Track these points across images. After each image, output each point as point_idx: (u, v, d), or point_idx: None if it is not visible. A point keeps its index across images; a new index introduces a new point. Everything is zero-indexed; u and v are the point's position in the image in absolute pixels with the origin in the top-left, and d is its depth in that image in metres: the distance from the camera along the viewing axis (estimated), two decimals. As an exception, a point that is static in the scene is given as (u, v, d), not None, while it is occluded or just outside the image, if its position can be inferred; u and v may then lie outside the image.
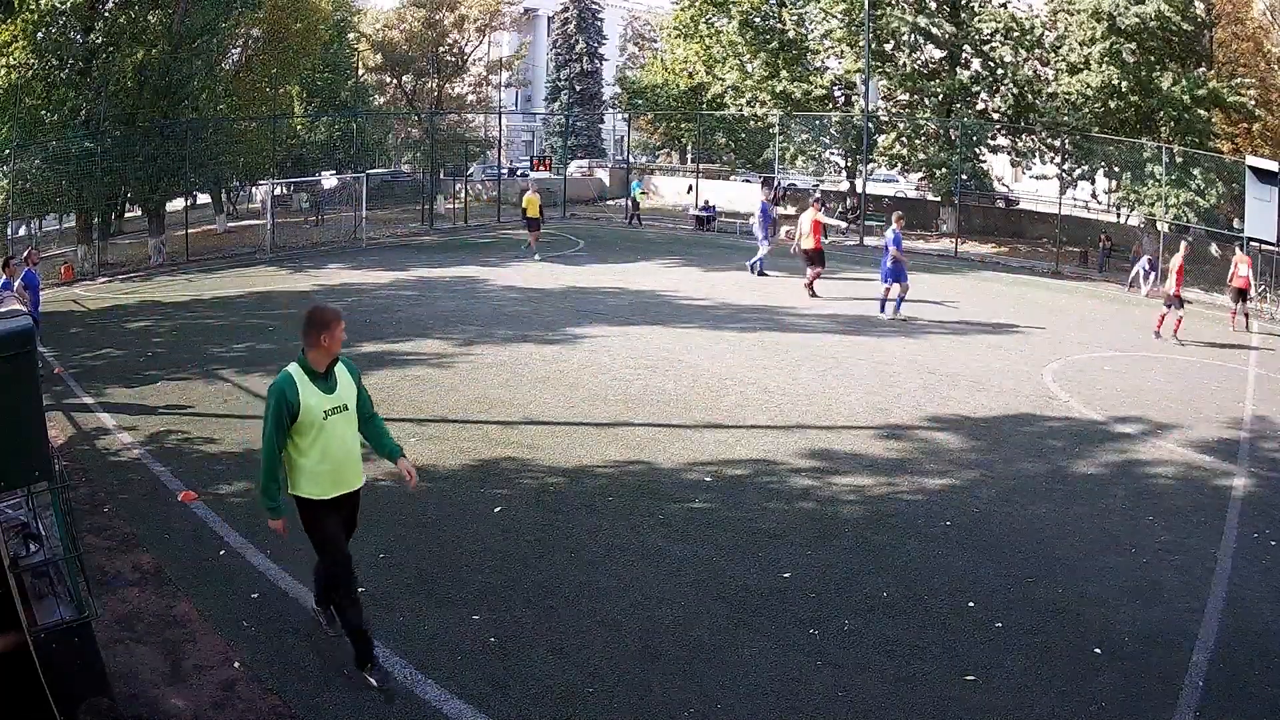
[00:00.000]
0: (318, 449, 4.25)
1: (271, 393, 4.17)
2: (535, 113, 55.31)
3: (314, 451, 4.25)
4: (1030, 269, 21.73)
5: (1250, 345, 14.14)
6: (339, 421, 4.32)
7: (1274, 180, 17.20)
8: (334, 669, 4.55)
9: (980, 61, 24.97)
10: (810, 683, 4.50)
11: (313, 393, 4.23)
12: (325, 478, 4.30)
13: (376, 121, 32.88)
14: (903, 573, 5.70)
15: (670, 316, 13.69)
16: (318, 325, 4.26)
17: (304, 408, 4.19)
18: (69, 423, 8.55)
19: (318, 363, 4.29)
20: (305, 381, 4.23)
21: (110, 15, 19.70)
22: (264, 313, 14.08)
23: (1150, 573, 5.80)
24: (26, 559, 3.84)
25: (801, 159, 27.30)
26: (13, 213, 19.64)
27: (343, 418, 4.34)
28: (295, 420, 4.18)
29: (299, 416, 4.18)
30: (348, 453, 4.39)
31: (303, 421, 4.20)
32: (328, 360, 4.32)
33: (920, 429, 8.61)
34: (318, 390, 4.26)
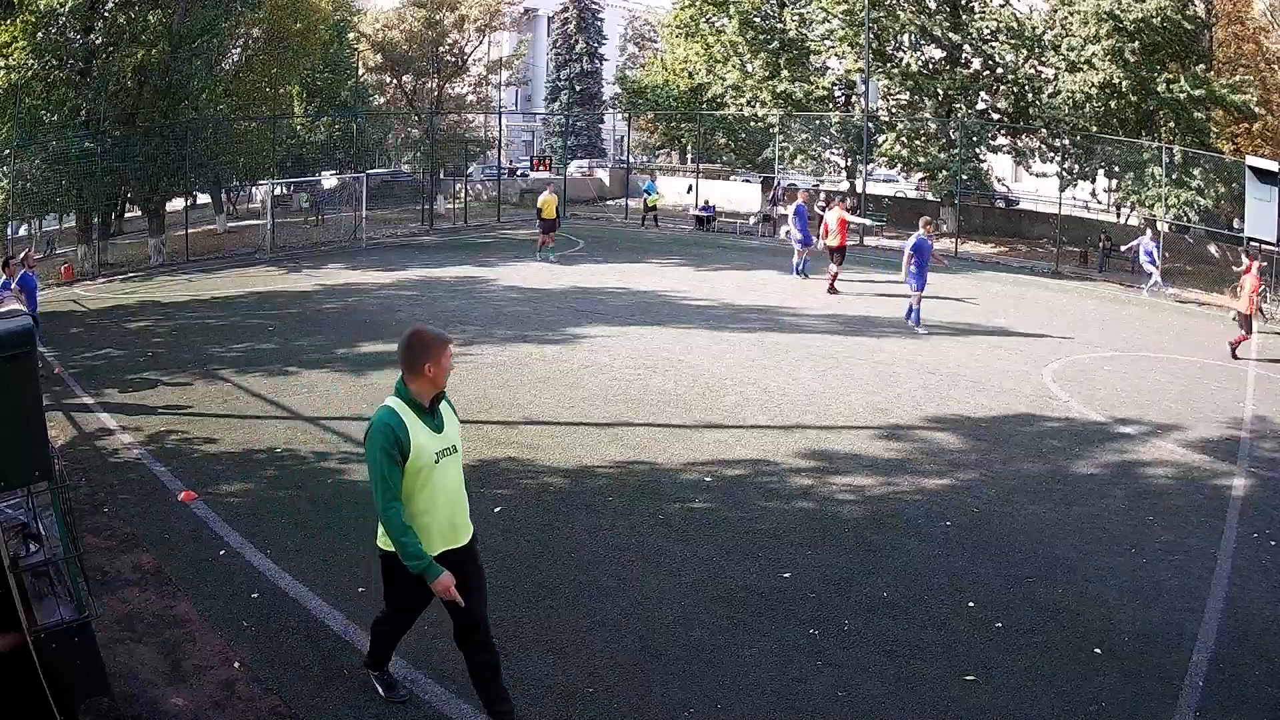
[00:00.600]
0: (425, 497, 3.67)
1: (376, 432, 3.58)
2: (535, 113, 55.31)
3: (421, 500, 3.67)
4: (1030, 269, 21.73)
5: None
6: (449, 465, 3.74)
7: (1274, 180, 17.21)
8: (334, 669, 4.55)
9: (980, 61, 24.97)
10: (810, 683, 4.50)
11: (421, 430, 3.64)
12: (429, 531, 3.70)
13: (376, 121, 32.86)
14: (903, 573, 5.70)
15: (670, 316, 13.69)
16: (422, 351, 3.64)
17: (415, 449, 3.59)
18: (69, 423, 8.55)
19: (422, 395, 3.68)
20: (412, 418, 3.64)
21: (110, 15, 19.70)
22: (264, 313, 14.08)
23: (1150, 573, 5.80)
24: (26, 559, 3.84)
25: (801, 158, 27.30)
26: (13, 213, 19.62)
27: (452, 460, 3.76)
28: (404, 463, 3.59)
29: (409, 459, 3.59)
30: (457, 501, 3.82)
31: (413, 465, 3.61)
32: (433, 393, 3.72)
33: (920, 429, 8.61)
34: (426, 428, 3.66)
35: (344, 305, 14.58)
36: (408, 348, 3.67)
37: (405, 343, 3.69)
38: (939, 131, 25.16)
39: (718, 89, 29.03)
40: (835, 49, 27.12)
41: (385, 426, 3.57)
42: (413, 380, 3.67)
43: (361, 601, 5.20)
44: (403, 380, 3.69)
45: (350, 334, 12.21)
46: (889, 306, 15.09)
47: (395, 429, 3.57)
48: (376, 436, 3.58)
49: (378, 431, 3.58)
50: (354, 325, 12.82)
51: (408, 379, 3.68)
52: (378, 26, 34.51)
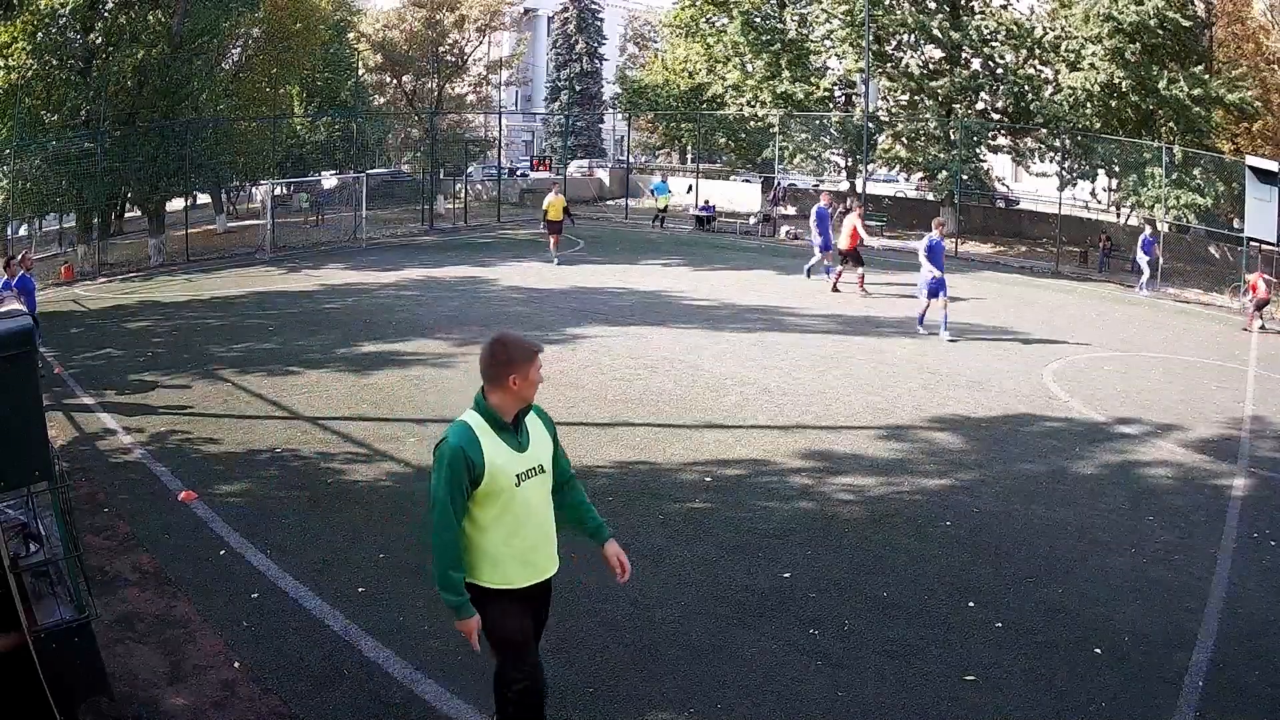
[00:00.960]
0: (505, 524, 3.28)
1: (444, 451, 3.19)
2: (535, 113, 55.33)
3: (500, 527, 3.28)
4: (1030, 269, 21.73)
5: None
6: (533, 488, 3.34)
7: (1274, 180, 17.21)
8: (334, 669, 4.55)
9: (980, 62, 24.97)
10: (810, 683, 4.50)
11: (500, 450, 3.25)
12: (513, 561, 3.32)
13: (376, 121, 32.86)
14: (903, 573, 5.70)
15: (670, 316, 13.69)
16: (507, 363, 3.26)
17: (490, 471, 3.21)
18: (69, 423, 8.55)
19: (504, 410, 3.29)
20: (489, 435, 3.25)
21: (110, 15, 19.71)
22: (264, 313, 14.08)
23: (1150, 573, 5.80)
24: (26, 559, 3.84)
25: (801, 158, 27.30)
26: (13, 213, 19.63)
27: (538, 482, 3.36)
28: (477, 486, 3.21)
29: (482, 481, 3.20)
30: (543, 528, 3.41)
31: (487, 489, 3.22)
32: (518, 408, 3.33)
33: (920, 429, 8.61)
34: (506, 447, 3.27)
35: (344, 305, 14.58)
36: (491, 358, 3.27)
37: (489, 352, 3.28)
38: (939, 131, 25.16)
39: (718, 89, 29.04)
40: (835, 49, 27.13)
41: (452, 447, 3.17)
42: (494, 393, 3.28)
43: (361, 601, 5.20)
44: (483, 392, 3.31)
45: (350, 334, 12.21)
46: (889, 306, 15.09)
47: (467, 450, 3.17)
48: (441, 458, 3.19)
49: (442, 453, 3.20)
50: (354, 325, 12.81)
51: (489, 391, 3.29)
52: (378, 26, 34.52)
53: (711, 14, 29.73)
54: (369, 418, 8.65)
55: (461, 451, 3.17)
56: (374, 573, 5.56)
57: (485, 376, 3.30)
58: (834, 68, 28.05)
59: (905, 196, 31.48)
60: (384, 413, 8.81)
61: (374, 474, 7.25)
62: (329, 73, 32.50)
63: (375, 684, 4.44)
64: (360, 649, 4.72)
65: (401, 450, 7.74)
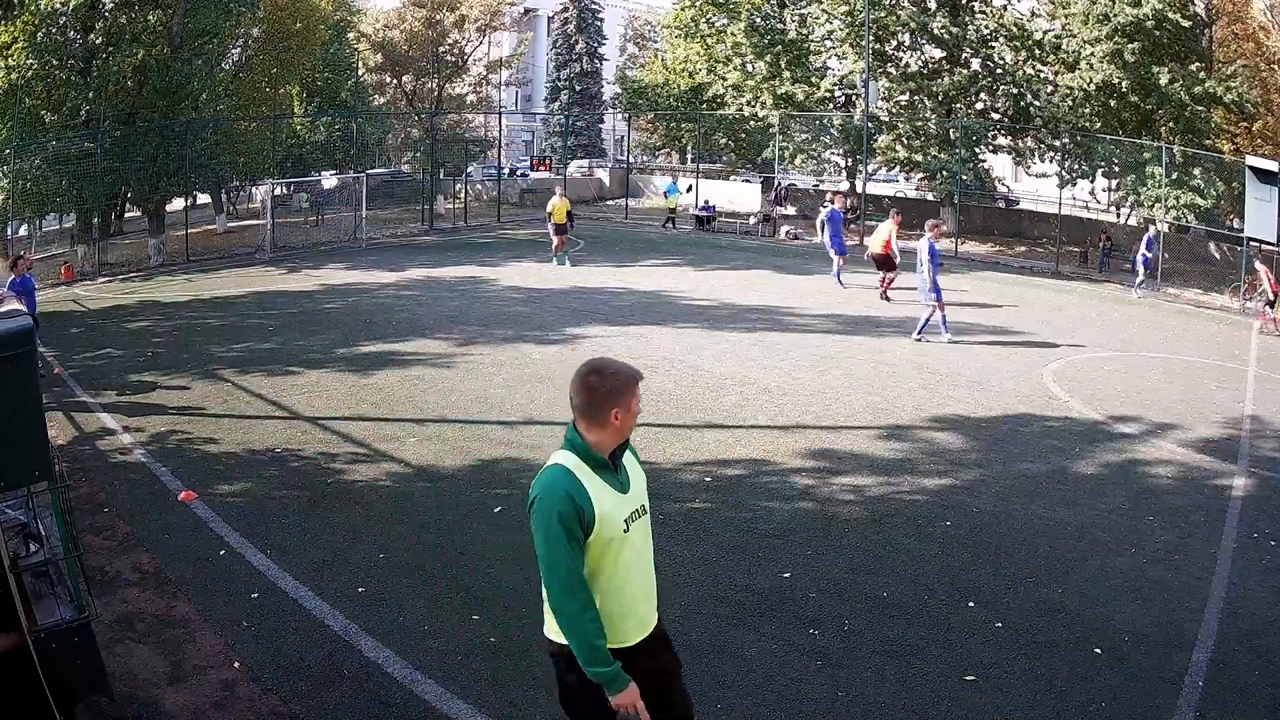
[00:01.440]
0: (613, 576, 2.84)
1: (549, 504, 2.71)
2: (535, 113, 55.33)
3: (609, 580, 2.83)
4: (1030, 269, 21.73)
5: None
6: (639, 531, 2.92)
7: (1274, 180, 17.21)
8: (334, 669, 4.55)
9: (980, 61, 24.97)
10: (810, 683, 4.50)
11: (605, 493, 2.81)
12: (623, 616, 2.88)
13: (376, 121, 32.86)
14: (903, 573, 5.70)
15: (670, 316, 13.69)
16: (609, 394, 2.83)
17: (599, 518, 2.76)
18: (69, 423, 8.56)
19: (603, 448, 2.86)
20: (591, 477, 2.80)
21: (110, 15, 19.71)
22: (264, 313, 14.08)
23: (1150, 573, 5.80)
24: (26, 559, 3.84)
25: (801, 158, 27.30)
26: (13, 213, 19.64)
27: (642, 525, 2.95)
28: (586, 538, 2.76)
29: (592, 531, 2.76)
30: (649, 575, 3.00)
31: (596, 539, 2.77)
32: (617, 444, 2.91)
33: (920, 429, 8.61)
34: (610, 489, 2.83)
35: (344, 305, 14.58)
36: (589, 390, 2.82)
37: (585, 385, 2.83)
38: (939, 131, 25.16)
39: (718, 89, 29.04)
40: (836, 50, 27.13)
41: (565, 496, 2.71)
42: (593, 429, 2.83)
43: (361, 601, 5.20)
44: (576, 428, 2.85)
45: (350, 334, 12.21)
46: (889, 306, 15.10)
47: (575, 497, 2.72)
48: (552, 508, 2.70)
49: (547, 505, 2.71)
50: (354, 325, 12.81)
51: (586, 428, 2.84)
52: (378, 26, 34.53)
53: (711, 14, 29.71)
54: (369, 418, 8.65)
55: (571, 500, 2.71)
56: (374, 573, 5.56)
57: (582, 411, 2.84)
58: (834, 68, 28.05)
59: (905, 196, 31.47)
60: (384, 413, 8.81)
61: (374, 474, 7.25)
62: (329, 73, 32.50)
63: (375, 684, 4.44)
64: (360, 649, 4.72)
65: (401, 450, 7.74)
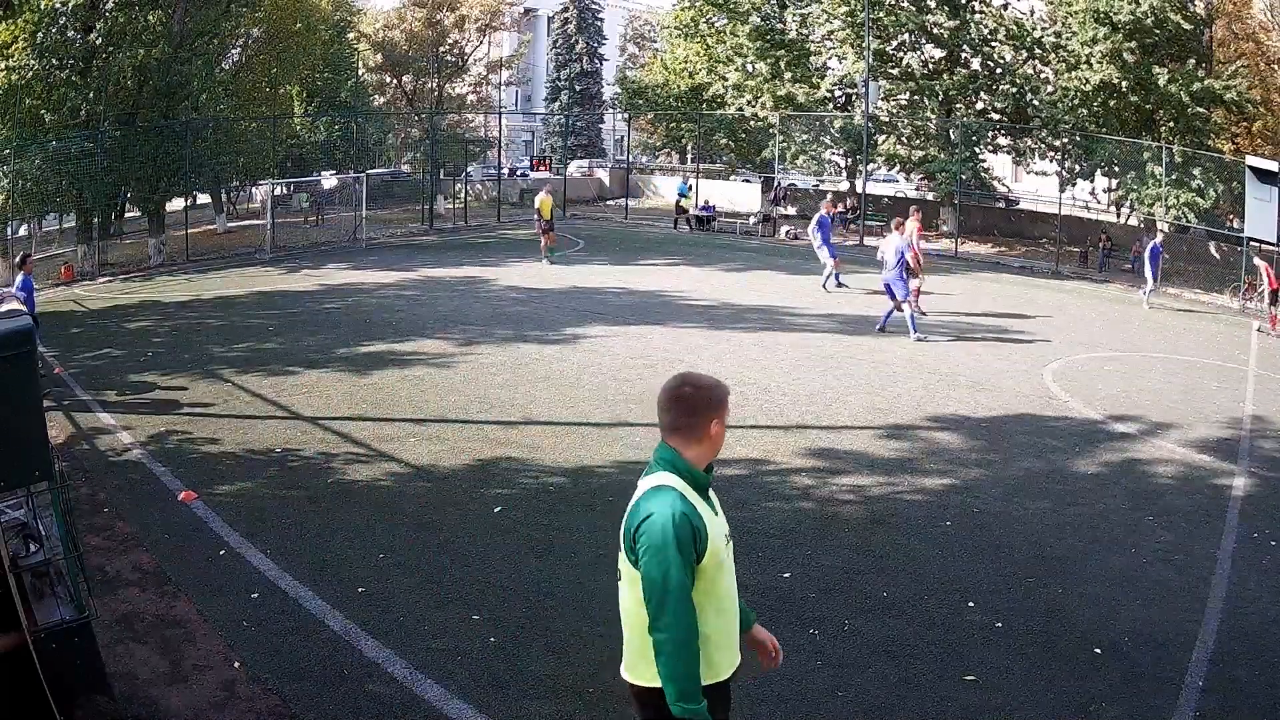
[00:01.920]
0: (715, 602, 2.61)
1: (667, 525, 2.45)
2: (535, 113, 55.31)
3: (709, 607, 2.59)
4: (1030, 269, 21.73)
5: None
6: (730, 556, 2.71)
7: (1274, 180, 17.21)
8: (334, 669, 4.55)
9: (980, 61, 24.98)
10: (810, 683, 4.50)
11: (709, 515, 2.60)
12: (720, 646, 2.65)
13: (376, 121, 32.86)
14: (903, 573, 5.70)
15: (670, 316, 13.69)
16: (706, 405, 2.62)
17: (710, 540, 2.55)
18: (69, 423, 8.55)
19: (700, 464, 2.64)
20: (698, 500, 2.58)
21: (110, 15, 19.70)
22: (264, 313, 14.08)
23: (1150, 573, 5.80)
24: (26, 559, 3.84)
25: (802, 159, 27.30)
26: (13, 213, 19.63)
27: (731, 550, 2.72)
28: (699, 562, 2.53)
29: (704, 555, 2.54)
30: (738, 603, 2.77)
31: (707, 563, 2.56)
32: (712, 458, 2.69)
33: (920, 429, 8.61)
34: (710, 510, 2.63)
35: (344, 305, 14.58)
36: (685, 403, 2.60)
37: (680, 396, 2.61)
38: (939, 131, 25.15)
39: (718, 89, 29.04)
40: (836, 50, 27.13)
41: (682, 519, 2.46)
42: (690, 445, 2.61)
43: (361, 601, 5.20)
44: (671, 446, 2.61)
45: (350, 334, 12.21)
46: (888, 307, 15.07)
47: (691, 519, 2.49)
48: (670, 531, 2.44)
49: (672, 524, 2.44)
50: (354, 325, 12.81)
51: (683, 443, 2.61)
52: (378, 26, 34.53)
53: (711, 14, 29.71)
54: (369, 418, 8.65)
55: (688, 522, 2.48)
56: (374, 573, 5.56)
57: (677, 427, 2.61)
58: (834, 68, 28.05)
59: (905, 196, 31.47)
60: (384, 413, 8.81)
61: (374, 474, 7.25)
62: (329, 73, 32.48)
63: (375, 684, 4.44)
64: (360, 649, 4.72)
65: (401, 450, 7.74)
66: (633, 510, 2.56)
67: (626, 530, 2.55)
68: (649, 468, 2.64)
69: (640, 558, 2.48)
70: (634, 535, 2.51)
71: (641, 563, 2.48)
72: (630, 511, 2.57)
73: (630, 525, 2.54)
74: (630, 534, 2.53)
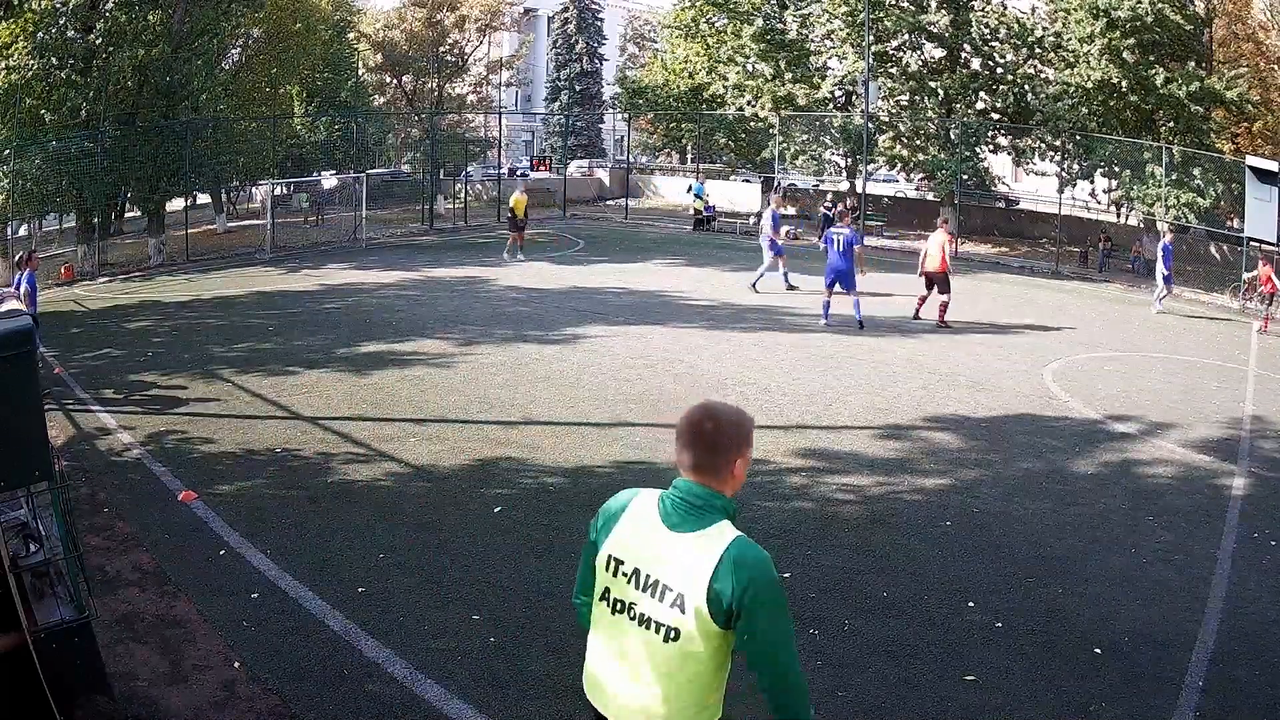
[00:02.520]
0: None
1: (774, 579, 2.26)
2: (535, 113, 55.31)
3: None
4: (1030, 269, 21.73)
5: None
6: None
7: (1274, 180, 17.21)
8: (334, 669, 4.55)
9: (980, 61, 24.97)
10: (810, 683, 4.49)
11: None
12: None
13: (376, 121, 32.86)
14: (903, 573, 5.70)
15: (670, 316, 13.69)
16: (738, 437, 2.36)
17: None
18: (69, 423, 8.55)
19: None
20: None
21: (110, 15, 19.70)
22: (264, 313, 14.08)
23: (1150, 573, 5.80)
24: (26, 559, 3.83)
25: (802, 159, 27.29)
26: (13, 213, 19.63)
27: None
28: None
29: None
30: None
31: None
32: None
33: (920, 429, 8.61)
34: None
35: (344, 305, 14.57)
36: (724, 436, 2.33)
37: (718, 429, 2.34)
38: (939, 130, 25.15)
39: (718, 89, 29.03)
40: (836, 50, 27.13)
41: (776, 572, 2.29)
42: (728, 482, 2.35)
43: (361, 601, 5.20)
44: (714, 489, 2.34)
45: (350, 334, 12.21)
46: (889, 306, 15.09)
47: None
48: (780, 584, 2.28)
49: (776, 585, 2.26)
50: (354, 325, 12.81)
51: (721, 483, 2.34)
52: (378, 26, 34.52)
53: (711, 14, 29.70)
54: (369, 418, 8.65)
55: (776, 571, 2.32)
56: (374, 573, 5.56)
57: (716, 462, 2.33)
58: (834, 68, 28.06)
59: (905, 196, 31.49)
60: (384, 413, 8.81)
61: (374, 474, 7.25)
62: (329, 73, 32.48)
63: (375, 684, 4.44)
64: (360, 649, 4.72)
65: (401, 450, 7.74)
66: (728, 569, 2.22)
67: (722, 594, 2.22)
68: (693, 515, 2.31)
69: (757, 615, 2.22)
70: (744, 599, 2.20)
71: (759, 618, 2.23)
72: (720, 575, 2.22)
73: (730, 590, 2.21)
74: (734, 599, 2.21)
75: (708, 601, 2.23)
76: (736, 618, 2.24)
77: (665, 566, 2.29)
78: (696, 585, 2.24)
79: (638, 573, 2.34)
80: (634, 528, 2.38)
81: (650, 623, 2.33)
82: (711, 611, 2.24)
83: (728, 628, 2.26)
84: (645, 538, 2.35)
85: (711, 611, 2.24)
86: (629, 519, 2.41)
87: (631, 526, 2.39)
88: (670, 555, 2.29)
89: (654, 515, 2.36)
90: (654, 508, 2.38)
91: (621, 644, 2.40)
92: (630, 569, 2.36)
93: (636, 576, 2.35)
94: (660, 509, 2.36)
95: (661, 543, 2.32)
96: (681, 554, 2.28)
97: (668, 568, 2.29)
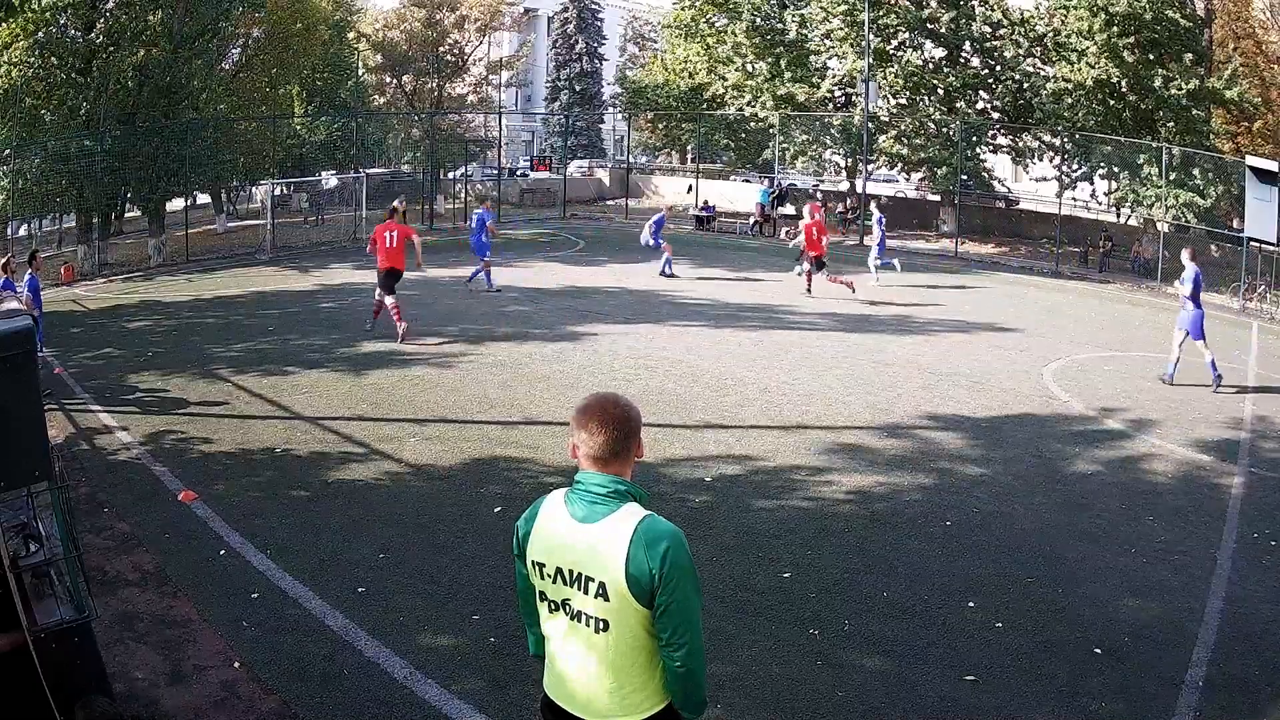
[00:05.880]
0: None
1: (689, 558, 2.40)
2: (535, 113, 55.29)
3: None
4: (1030, 269, 21.72)
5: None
6: None
7: (1274, 180, 17.20)
8: (334, 669, 4.55)
9: (980, 59, 24.96)
10: (810, 683, 4.50)
11: None
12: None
13: (376, 121, 32.85)
14: (903, 573, 5.70)
15: (670, 316, 13.69)
16: (637, 424, 2.48)
17: None
18: (69, 423, 8.55)
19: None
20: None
21: (110, 15, 19.71)
22: (264, 313, 14.08)
23: (1150, 573, 5.80)
24: (26, 559, 3.83)
25: (802, 160, 27.28)
26: (13, 213, 19.63)
27: None
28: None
29: None
30: None
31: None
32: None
33: (920, 429, 8.61)
34: None
35: (344, 305, 14.57)
36: (626, 419, 2.43)
37: (617, 412, 2.44)
38: (939, 128, 25.13)
39: (718, 89, 29.03)
40: (836, 50, 27.13)
41: (684, 540, 2.40)
42: (628, 465, 2.44)
43: (361, 601, 5.20)
44: (615, 474, 2.41)
45: (350, 334, 12.21)
46: (889, 306, 15.10)
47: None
48: (691, 563, 2.39)
49: (689, 557, 2.38)
50: (354, 325, 12.80)
51: (623, 465, 2.43)
52: (378, 26, 34.49)
53: (711, 14, 29.70)
54: (368, 417, 8.65)
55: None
56: (374, 573, 5.56)
57: (629, 448, 2.43)
58: (834, 68, 28.06)
59: (905, 196, 31.47)
60: (384, 413, 8.81)
61: (373, 474, 7.25)
62: (329, 73, 32.47)
63: (375, 684, 4.44)
64: (360, 649, 4.72)
65: (401, 450, 7.74)
66: (643, 544, 2.30)
67: (640, 573, 2.30)
68: (600, 503, 2.36)
69: (675, 587, 2.32)
70: (659, 570, 2.29)
71: (678, 591, 2.32)
72: (635, 555, 2.30)
73: (646, 566, 2.29)
74: (653, 574, 2.29)
75: (628, 582, 2.30)
76: (658, 593, 2.32)
77: (583, 559, 2.36)
78: (614, 570, 2.31)
79: (560, 571, 2.40)
80: (549, 529, 2.44)
81: (582, 616, 2.40)
82: (634, 593, 2.31)
83: (651, 606, 2.33)
84: (560, 537, 2.41)
85: (634, 593, 2.31)
86: (542, 523, 2.46)
87: (547, 529, 2.44)
88: (585, 547, 2.36)
89: (563, 513, 2.42)
90: (562, 507, 2.44)
91: (564, 643, 2.48)
92: (552, 570, 2.42)
93: (560, 575, 2.41)
94: (568, 506, 2.42)
95: (576, 538, 2.38)
96: (595, 543, 2.34)
97: (586, 560, 2.36)
